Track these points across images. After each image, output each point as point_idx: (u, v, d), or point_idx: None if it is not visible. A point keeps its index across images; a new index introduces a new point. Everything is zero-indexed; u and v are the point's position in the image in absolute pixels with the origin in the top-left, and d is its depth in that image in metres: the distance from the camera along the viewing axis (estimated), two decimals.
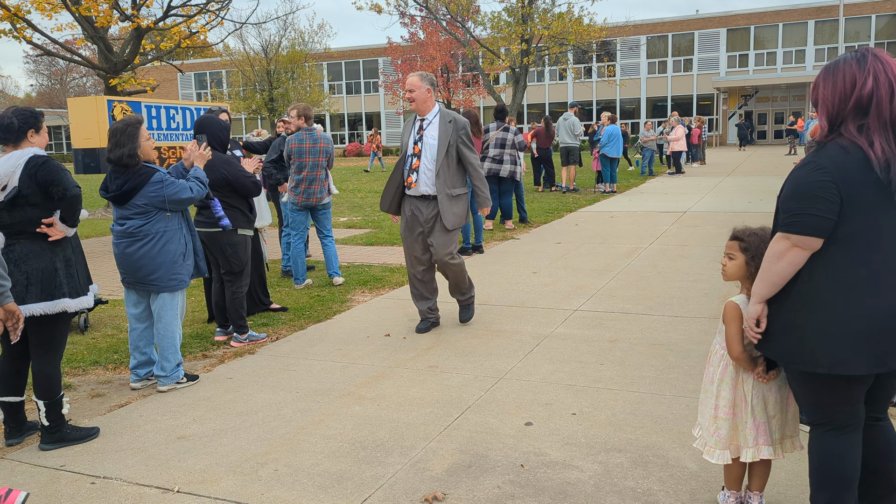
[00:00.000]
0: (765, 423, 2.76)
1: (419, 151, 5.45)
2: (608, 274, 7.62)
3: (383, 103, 48.99)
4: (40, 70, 68.92)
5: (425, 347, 5.31)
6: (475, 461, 3.46)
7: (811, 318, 2.38)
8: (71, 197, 3.74)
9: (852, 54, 2.39)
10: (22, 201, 3.66)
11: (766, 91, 41.88)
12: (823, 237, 2.34)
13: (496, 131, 10.81)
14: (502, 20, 25.67)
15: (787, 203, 2.40)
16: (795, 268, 2.39)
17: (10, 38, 14.66)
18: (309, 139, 7.23)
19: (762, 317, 2.51)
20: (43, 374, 3.76)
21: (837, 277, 2.34)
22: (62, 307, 3.74)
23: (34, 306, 3.66)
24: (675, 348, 5.06)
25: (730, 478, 2.92)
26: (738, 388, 2.79)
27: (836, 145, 2.35)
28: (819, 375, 2.42)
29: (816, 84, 2.45)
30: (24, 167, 3.66)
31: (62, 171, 3.74)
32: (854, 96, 2.32)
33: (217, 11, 16.96)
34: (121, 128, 4.43)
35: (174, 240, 4.54)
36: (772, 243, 2.45)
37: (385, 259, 9.02)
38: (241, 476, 3.39)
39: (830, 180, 2.30)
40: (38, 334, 3.76)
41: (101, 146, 9.43)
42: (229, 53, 43.10)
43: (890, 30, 39.64)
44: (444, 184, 5.43)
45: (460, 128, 5.45)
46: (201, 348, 5.51)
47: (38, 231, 3.71)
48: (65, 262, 3.81)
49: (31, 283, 3.67)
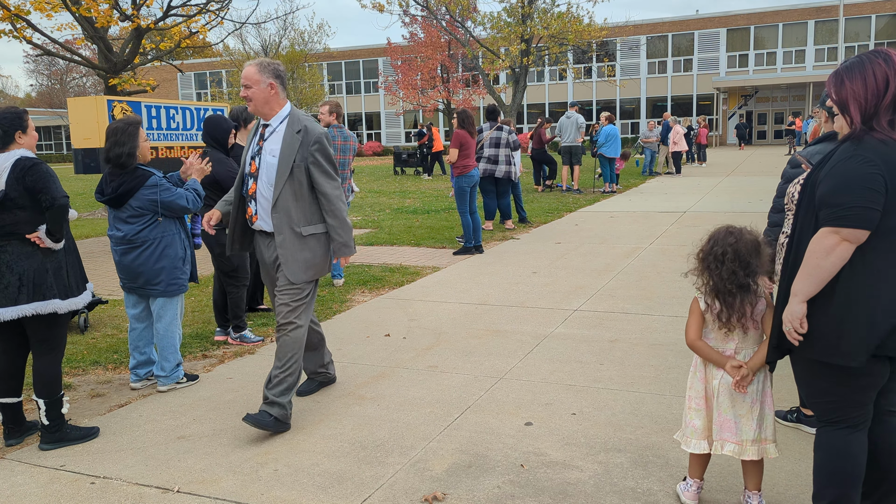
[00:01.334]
0: (731, 421, 2.79)
1: (256, 171, 3.96)
2: (608, 274, 7.62)
3: (383, 103, 48.98)
4: (40, 70, 68.98)
5: (425, 347, 5.31)
6: (475, 461, 3.46)
7: (855, 311, 2.37)
8: (58, 207, 3.67)
9: (875, 54, 2.42)
10: (10, 204, 3.65)
11: (766, 91, 41.88)
12: (872, 229, 2.34)
13: (490, 131, 10.78)
14: (502, 20, 25.67)
15: (833, 198, 2.37)
16: (843, 263, 2.37)
17: (11, 39, 14.66)
18: (339, 136, 7.18)
19: (804, 317, 2.45)
20: (43, 373, 3.76)
21: (881, 269, 2.35)
22: (52, 308, 3.73)
23: (26, 307, 3.67)
24: (675, 348, 5.06)
25: (693, 465, 2.98)
26: (708, 383, 2.85)
27: (874, 139, 2.37)
28: (848, 369, 2.41)
29: (841, 82, 2.45)
30: (11, 170, 3.64)
31: (50, 178, 3.68)
32: (890, 92, 2.36)
33: (217, 11, 16.96)
34: (121, 127, 4.42)
35: (174, 244, 4.54)
36: (817, 240, 2.40)
37: (385, 259, 9.02)
38: (241, 476, 3.39)
39: (879, 172, 2.32)
40: (36, 335, 3.77)
41: (100, 146, 9.42)
42: (229, 53, 43.11)
43: (890, 30, 39.63)
44: (286, 218, 3.88)
45: (313, 141, 3.88)
46: (201, 348, 5.51)
47: (28, 237, 3.71)
48: (55, 263, 3.79)
49: (23, 285, 3.67)
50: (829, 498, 2.52)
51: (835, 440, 2.52)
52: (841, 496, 2.50)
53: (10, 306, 3.65)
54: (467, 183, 9.18)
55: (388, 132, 50.02)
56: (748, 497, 2.87)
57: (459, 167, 9.15)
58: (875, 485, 2.62)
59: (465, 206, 9.18)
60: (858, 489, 2.51)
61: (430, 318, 6.14)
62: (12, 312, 3.65)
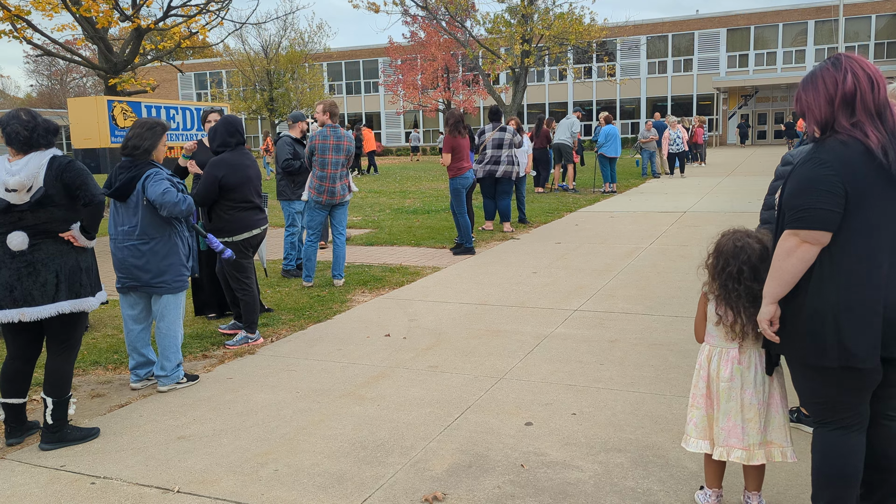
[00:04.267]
0: (739, 427, 2.76)
1: None
2: (608, 274, 7.62)
3: (383, 103, 48.98)
4: (40, 70, 68.94)
5: (425, 347, 5.31)
6: (475, 461, 3.46)
7: (824, 312, 2.39)
8: (97, 204, 3.76)
9: (826, 61, 2.48)
10: (47, 202, 3.67)
11: (766, 91, 41.87)
12: (831, 230, 2.35)
13: (492, 132, 10.78)
14: (503, 20, 25.66)
15: (791, 200, 2.42)
16: (806, 264, 2.40)
17: (11, 39, 14.64)
18: (333, 136, 7.19)
19: (775, 318, 2.51)
20: (57, 371, 3.79)
21: (850, 270, 2.36)
22: (87, 305, 3.80)
23: (63, 304, 3.70)
24: (675, 348, 5.06)
25: (708, 474, 2.95)
26: (712, 383, 2.83)
27: (835, 140, 2.39)
28: (830, 370, 2.42)
29: (798, 96, 2.52)
30: (48, 167, 3.67)
31: (88, 175, 3.76)
32: (839, 94, 2.39)
33: (217, 11, 16.95)
34: (150, 124, 4.49)
35: (179, 241, 4.55)
36: (780, 242, 2.45)
37: (385, 259, 9.02)
38: (241, 476, 3.39)
39: (833, 173, 2.34)
40: (61, 333, 3.80)
41: (101, 146, 9.43)
42: (229, 54, 43.10)
43: (890, 30, 39.63)
44: None
45: None
46: (201, 348, 5.51)
47: (61, 235, 3.74)
48: (87, 261, 3.86)
49: (60, 282, 3.71)
50: (826, 499, 2.53)
51: (828, 441, 2.54)
52: (837, 497, 2.51)
53: (49, 304, 3.67)
54: (462, 184, 9.27)
55: (388, 132, 50.00)
56: (748, 497, 2.87)
57: (454, 169, 9.27)
58: (875, 487, 2.62)
59: (462, 207, 9.25)
60: (855, 490, 2.52)
61: (430, 318, 6.14)
62: (51, 310, 3.68)
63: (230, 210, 5.44)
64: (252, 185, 5.51)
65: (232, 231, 5.44)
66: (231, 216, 5.44)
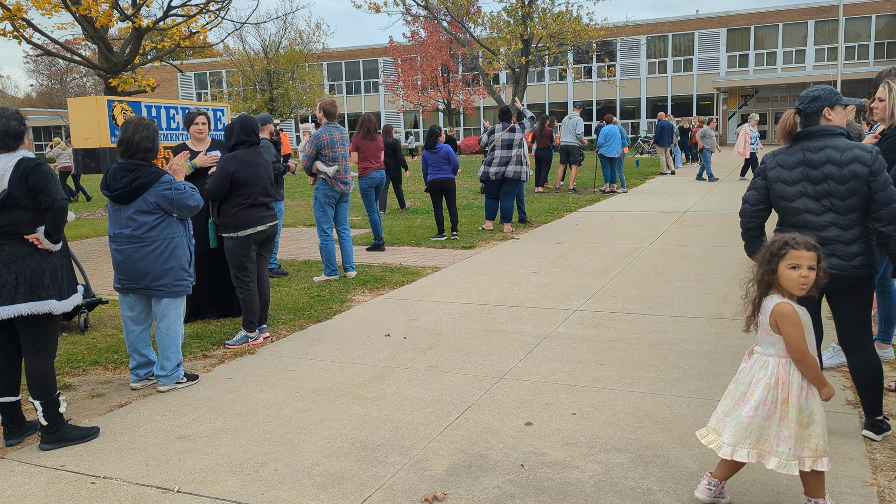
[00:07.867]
0: (790, 437, 2.77)
1: None
2: (608, 274, 7.62)
3: (383, 103, 48.98)
4: (40, 70, 68.95)
5: (425, 347, 5.31)
6: (475, 461, 3.46)
7: None
8: (57, 209, 3.69)
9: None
10: (11, 204, 3.65)
11: (766, 91, 41.87)
12: None
13: (502, 132, 10.75)
14: (502, 20, 25.66)
15: None
16: None
17: (11, 39, 14.65)
18: (336, 130, 7.65)
19: None
20: (36, 374, 3.76)
21: None
22: (49, 308, 3.74)
23: (22, 306, 3.67)
24: (675, 348, 5.06)
25: (724, 469, 2.94)
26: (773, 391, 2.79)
27: None
28: None
29: None
30: (14, 169, 3.65)
31: (52, 180, 3.70)
32: None
33: (217, 11, 16.96)
34: (149, 124, 4.51)
35: (181, 245, 4.55)
36: None
37: (385, 259, 9.02)
38: (241, 476, 3.39)
39: None
40: (29, 335, 3.76)
41: (101, 146, 9.41)
42: (229, 53, 43.10)
43: (890, 30, 39.62)
44: None
45: None
46: (201, 348, 5.51)
47: (26, 237, 3.71)
48: (51, 264, 3.80)
49: (19, 284, 3.68)
50: None
51: None
52: None
53: (7, 305, 3.66)
54: (367, 184, 9.53)
55: None
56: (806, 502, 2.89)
57: (360, 169, 9.53)
58: None
59: (371, 206, 9.63)
60: None
61: (430, 318, 6.14)
62: (9, 311, 3.66)
63: (237, 206, 5.47)
64: (262, 182, 5.55)
65: (237, 226, 5.47)
66: (237, 212, 5.48)
